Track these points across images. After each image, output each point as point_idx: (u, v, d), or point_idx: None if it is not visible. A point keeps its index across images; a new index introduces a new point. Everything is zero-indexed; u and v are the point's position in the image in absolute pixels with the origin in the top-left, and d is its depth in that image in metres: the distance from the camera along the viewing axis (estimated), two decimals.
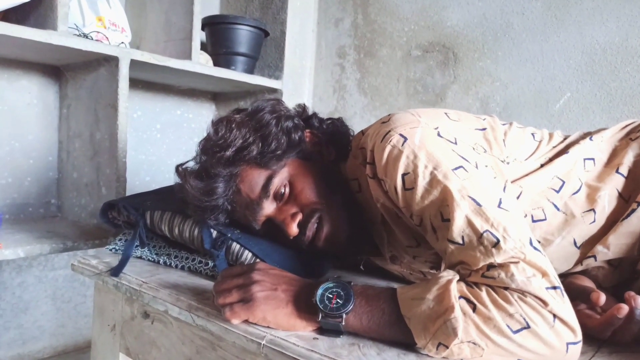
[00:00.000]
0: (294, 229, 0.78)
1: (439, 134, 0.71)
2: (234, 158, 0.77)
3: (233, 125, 0.79)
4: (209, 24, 1.65)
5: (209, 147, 0.79)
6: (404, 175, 0.67)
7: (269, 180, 0.78)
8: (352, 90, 1.85)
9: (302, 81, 1.91)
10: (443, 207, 0.64)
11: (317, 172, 0.82)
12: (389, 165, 0.69)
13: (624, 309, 0.61)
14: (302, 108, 0.92)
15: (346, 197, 0.83)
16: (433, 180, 0.65)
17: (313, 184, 0.80)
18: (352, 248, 0.85)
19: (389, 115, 0.77)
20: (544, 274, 0.56)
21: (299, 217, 0.78)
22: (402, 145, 0.68)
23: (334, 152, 0.87)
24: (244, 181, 0.78)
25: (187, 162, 0.84)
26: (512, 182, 0.76)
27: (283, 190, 0.79)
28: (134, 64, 1.30)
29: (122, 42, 1.40)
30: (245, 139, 0.78)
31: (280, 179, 0.79)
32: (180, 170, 0.82)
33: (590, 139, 0.81)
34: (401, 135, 0.69)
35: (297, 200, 0.79)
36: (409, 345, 0.60)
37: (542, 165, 0.79)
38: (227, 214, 0.81)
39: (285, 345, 0.61)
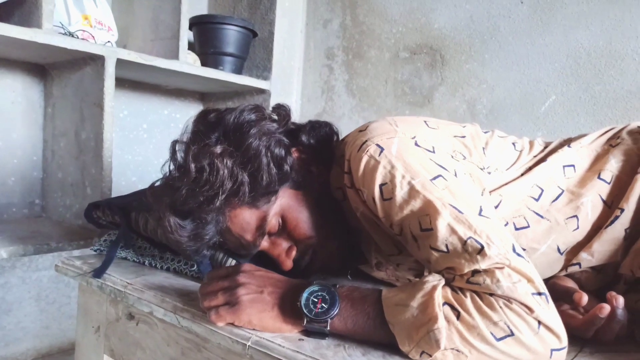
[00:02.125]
0: (289, 265, 0.78)
1: (416, 143, 0.70)
2: (223, 204, 0.71)
3: (217, 162, 0.69)
4: (197, 23, 1.64)
5: (194, 194, 0.70)
6: (381, 185, 0.67)
7: (262, 221, 0.74)
8: (341, 92, 1.86)
9: (290, 82, 1.91)
10: (422, 217, 0.63)
11: (309, 200, 0.79)
12: (366, 176, 0.68)
13: (606, 308, 0.62)
14: (285, 112, 0.83)
15: (337, 218, 0.81)
16: (411, 191, 0.65)
17: (306, 217, 0.78)
18: (343, 267, 0.86)
19: (366, 124, 0.76)
20: (529, 280, 0.56)
21: (294, 252, 0.78)
22: (379, 155, 0.68)
23: (324, 172, 0.82)
24: (234, 222, 0.73)
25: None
26: (492, 191, 0.76)
27: (276, 226, 0.77)
28: (121, 63, 1.29)
29: (109, 41, 1.39)
30: (234, 179, 0.70)
31: (274, 217, 0.75)
32: (162, 210, 0.72)
33: (569, 146, 0.81)
34: (378, 145, 0.69)
35: (291, 235, 0.77)
36: (395, 347, 0.60)
37: (522, 175, 0.79)
38: (213, 249, 0.78)
39: (271, 346, 0.61)
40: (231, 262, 0.82)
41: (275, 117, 0.82)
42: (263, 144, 0.73)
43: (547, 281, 0.76)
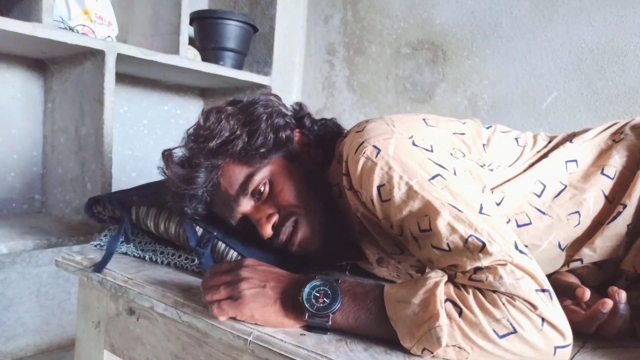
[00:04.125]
0: (267, 231, 0.77)
1: (413, 143, 0.70)
2: (217, 150, 0.77)
3: (222, 116, 0.79)
4: (197, 18, 1.63)
5: (195, 136, 0.79)
6: (379, 187, 0.67)
7: (249, 177, 0.77)
8: (341, 87, 1.85)
9: (291, 78, 1.91)
10: (421, 217, 0.63)
11: (300, 174, 0.81)
12: (364, 178, 0.68)
13: (609, 303, 0.62)
14: (299, 106, 0.90)
15: (327, 203, 0.81)
16: (409, 191, 0.65)
17: (293, 186, 0.79)
18: (327, 255, 0.84)
19: (364, 123, 0.76)
20: (533, 277, 0.55)
21: (275, 218, 0.78)
22: (376, 157, 0.67)
23: (321, 156, 0.86)
24: (225, 175, 0.78)
25: (175, 148, 0.83)
26: (494, 187, 0.76)
27: (262, 189, 0.78)
28: (121, 58, 1.28)
29: (109, 36, 1.39)
30: (232, 132, 0.77)
31: (261, 177, 0.78)
32: (165, 154, 0.82)
33: (571, 141, 0.81)
34: (374, 146, 0.68)
35: (275, 201, 0.78)
36: (396, 342, 0.59)
37: (524, 171, 0.78)
38: (205, 205, 0.81)
39: (272, 341, 0.60)
40: (232, 254, 0.82)
41: (289, 106, 0.89)
42: (266, 112, 0.81)
43: (549, 277, 0.76)
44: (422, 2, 1.64)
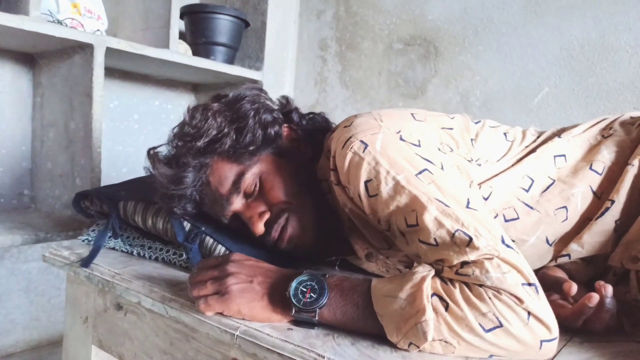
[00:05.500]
0: (260, 228, 0.77)
1: (401, 138, 0.70)
2: (205, 149, 0.76)
3: (209, 114, 0.78)
4: (188, 12, 1.62)
5: (182, 135, 0.78)
6: (366, 182, 0.67)
7: (239, 176, 0.77)
8: (334, 83, 1.85)
9: (283, 73, 1.90)
10: (408, 212, 0.63)
11: (290, 171, 0.80)
12: (351, 173, 0.68)
13: (595, 297, 0.62)
14: (286, 100, 0.90)
15: (317, 199, 0.81)
16: (396, 186, 0.65)
17: (284, 183, 0.79)
18: (318, 251, 0.84)
19: (352, 118, 0.76)
20: (519, 271, 0.56)
21: (267, 216, 0.78)
22: (363, 152, 0.67)
23: (310, 151, 0.85)
24: (214, 174, 0.77)
25: (160, 146, 0.82)
26: (482, 182, 0.76)
27: (253, 187, 0.78)
28: (110, 52, 1.27)
29: (98, 30, 1.37)
30: (220, 130, 0.77)
31: (252, 176, 0.77)
32: (151, 154, 0.81)
33: (560, 136, 0.81)
34: (362, 141, 0.68)
35: (266, 198, 0.78)
36: (383, 336, 0.59)
37: (512, 165, 0.79)
38: (194, 204, 0.80)
39: (259, 336, 0.60)
40: (220, 249, 0.82)
41: (275, 100, 0.88)
42: (253, 108, 0.80)
43: (536, 272, 0.76)
44: None
